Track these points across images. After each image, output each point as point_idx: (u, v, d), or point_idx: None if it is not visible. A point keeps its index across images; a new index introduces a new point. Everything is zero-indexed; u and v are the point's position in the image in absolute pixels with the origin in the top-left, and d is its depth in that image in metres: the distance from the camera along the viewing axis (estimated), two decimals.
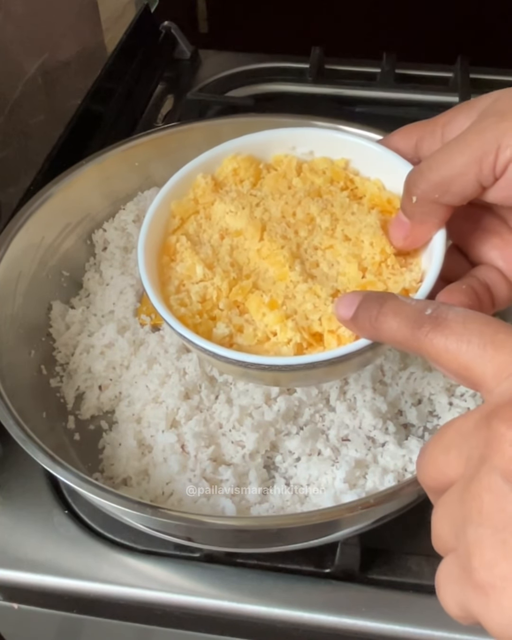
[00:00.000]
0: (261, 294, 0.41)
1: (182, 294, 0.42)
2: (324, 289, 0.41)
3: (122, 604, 0.48)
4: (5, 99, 0.65)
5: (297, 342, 0.40)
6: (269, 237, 0.43)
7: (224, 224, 0.44)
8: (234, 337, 0.41)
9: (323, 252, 0.43)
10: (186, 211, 0.45)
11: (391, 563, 0.48)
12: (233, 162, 0.46)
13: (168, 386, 0.52)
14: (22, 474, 0.52)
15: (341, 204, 0.44)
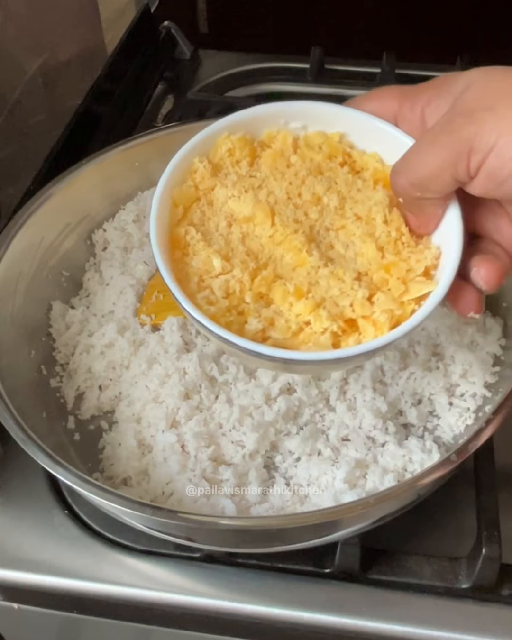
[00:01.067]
0: (284, 282, 0.40)
1: (206, 291, 0.41)
2: (347, 272, 0.40)
3: (122, 604, 0.48)
4: (5, 99, 0.65)
5: (333, 331, 0.39)
6: (281, 221, 0.42)
7: (229, 210, 0.43)
8: (267, 330, 0.40)
9: (336, 233, 0.42)
10: (188, 199, 0.43)
11: (391, 563, 0.48)
12: (227, 142, 0.44)
13: (168, 386, 0.52)
14: (22, 474, 0.52)
15: (345, 181, 0.43)
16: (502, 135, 0.32)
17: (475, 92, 0.34)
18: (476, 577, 0.46)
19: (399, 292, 0.40)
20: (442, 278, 0.39)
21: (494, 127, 0.32)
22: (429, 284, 0.40)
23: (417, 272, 0.40)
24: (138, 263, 0.61)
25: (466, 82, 0.35)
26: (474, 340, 0.54)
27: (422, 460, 0.48)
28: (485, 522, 0.46)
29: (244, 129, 0.44)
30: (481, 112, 0.33)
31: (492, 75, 0.35)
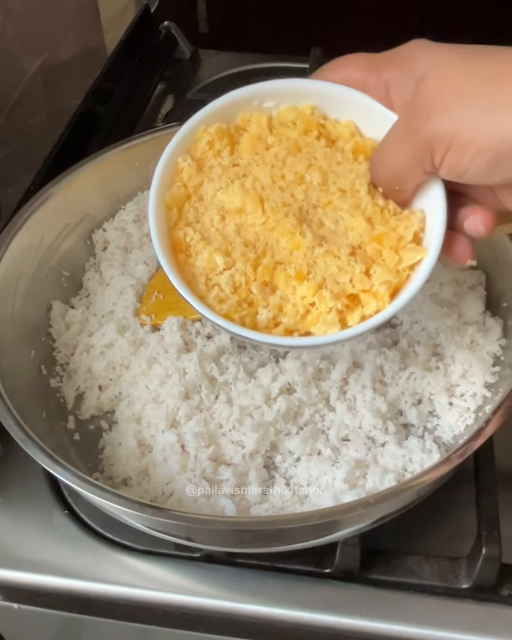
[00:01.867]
0: (284, 268, 0.42)
1: (215, 290, 0.42)
2: (341, 249, 0.42)
3: (122, 604, 0.48)
4: (5, 99, 0.65)
5: (338, 309, 0.41)
6: (270, 207, 0.42)
7: (219, 203, 0.44)
8: (277, 317, 0.42)
9: (324, 209, 0.43)
10: (180, 200, 0.44)
11: (391, 563, 0.48)
12: (205, 136, 0.44)
13: (168, 386, 0.52)
14: (22, 474, 0.52)
15: (324, 155, 0.43)
16: (456, 136, 0.35)
17: (431, 88, 0.36)
18: (476, 577, 0.46)
19: (394, 262, 0.42)
20: (432, 241, 0.41)
21: (448, 130, 0.35)
22: (421, 251, 0.41)
23: (407, 239, 0.42)
24: (138, 263, 0.61)
25: (423, 70, 0.37)
26: (474, 340, 0.54)
27: (422, 460, 0.48)
28: (485, 522, 0.46)
29: (219, 119, 0.45)
30: (437, 113, 0.36)
31: (447, 68, 0.36)
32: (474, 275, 0.57)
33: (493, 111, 0.34)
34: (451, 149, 0.35)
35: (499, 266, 0.55)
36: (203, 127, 0.44)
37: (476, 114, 0.34)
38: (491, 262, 0.56)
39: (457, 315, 0.55)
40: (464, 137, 0.35)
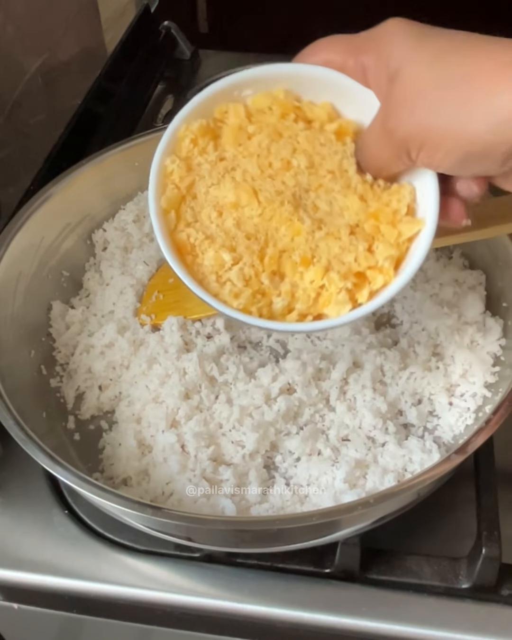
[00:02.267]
0: (289, 255, 0.43)
1: (228, 286, 0.43)
2: (341, 229, 0.42)
3: (122, 604, 0.48)
4: (5, 99, 0.65)
5: (347, 288, 0.42)
6: (265, 198, 0.43)
7: (213, 199, 0.44)
8: (291, 303, 0.43)
9: (316, 192, 0.43)
10: (175, 202, 0.44)
11: (391, 563, 0.48)
12: (188, 134, 0.44)
13: (168, 386, 0.52)
14: (22, 474, 0.52)
15: (306, 138, 0.43)
16: (426, 138, 0.36)
17: (403, 89, 0.37)
18: (476, 577, 0.46)
19: (394, 236, 0.42)
20: (429, 211, 0.41)
21: (419, 132, 0.36)
22: (417, 222, 0.42)
23: (402, 212, 0.42)
24: (138, 263, 0.61)
25: (397, 65, 0.37)
26: (474, 340, 0.54)
27: (422, 460, 0.48)
28: (485, 522, 0.46)
29: (201, 114, 0.44)
30: (407, 116, 0.37)
31: (419, 66, 0.36)
32: (474, 275, 0.57)
33: (462, 115, 0.35)
34: (423, 149, 0.37)
35: (499, 266, 0.55)
36: (184, 126, 0.44)
37: (445, 118, 0.35)
38: (491, 262, 0.56)
39: (457, 315, 0.55)
40: (434, 140, 0.36)
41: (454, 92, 0.35)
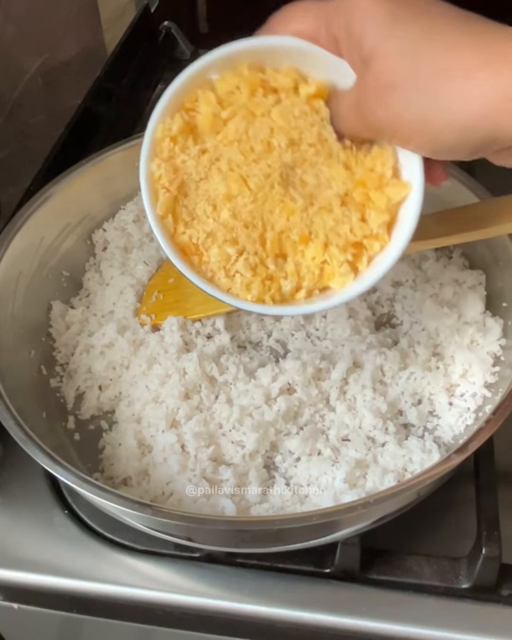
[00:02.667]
0: (287, 235, 0.43)
1: (238, 278, 0.44)
2: (332, 201, 0.43)
3: (122, 604, 0.48)
4: (5, 99, 0.65)
5: (348, 260, 0.43)
6: (254, 184, 0.43)
7: (205, 193, 0.44)
8: (298, 283, 0.44)
9: (301, 168, 0.43)
10: (170, 205, 0.45)
11: (391, 563, 0.48)
12: (166, 133, 0.44)
13: (168, 386, 0.52)
14: (22, 474, 0.52)
15: (280, 113, 0.43)
16: (397, 130, 0.37)
17: (375, 77, 0.37)
18: (476, 577, 0.46)
19: (383, 202, 0.43)
20: (414, 174, 0.42)
21: (390, 124, 0.37)
22: (405, 186, 0.42)
23: (387, 175, 0.43)
24: (138, 263, 0.61)
25: (370, 49, 0.37)
26: (474, 340, 0.54)
27: (422, 460, 0.48)
28: (485, 522, 0.46)
29: (174, 109, 0.44)
30: (380, 108, 0.37)
31: (392, 55, 0.36)
32: (474, 275, 0.57)
33: (431, 115, 0.35)
34: (394, 137, 0.38)
35: (499, 266, 0.55)
36: (161, 126, 0.44)
37: (416, 116, 0.36)
38: (491, 262, 0.56)
39: (457, 315, 0.55)
40: (404, 133, 0.37)
41: (426, 91, 0.35)
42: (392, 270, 0.58)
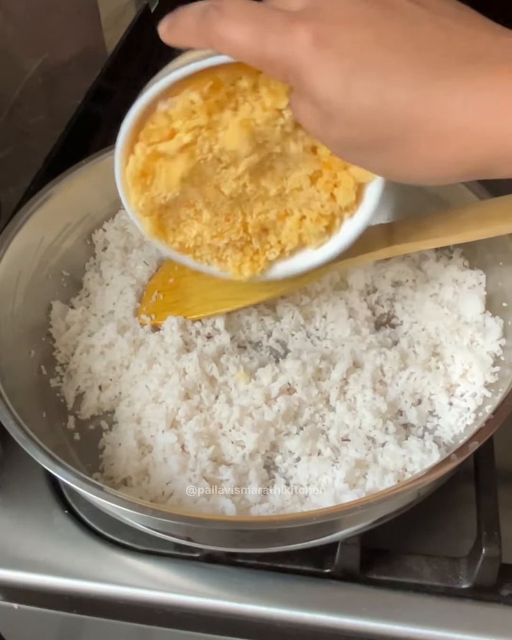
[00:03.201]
0: (266, 216, 0.48)
1: (229, 262, 0.50)
2: (302, 182, 0.46)
3: (122, 604, 0.48)
4: (5, 99, 0.65)
5: (325, 226, 0.47)
6: (228, 189, 0.45)
7: (184, 201, 0.46)
8: (283, 250, 0.49)
9: (269, 159, 0.45)
10: (155, 226, 0.47)
11: (391, 563, 0.48)
12: (135, 165, 0.44)
13: (168, 386, 0.52)
14: (22, 474, 0.52)
15: (240, 124, 0.42)
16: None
17: (339, 130, 0.35)
18: (476, 577, 0.46)
19: (350, 183, 0.45)
20: None
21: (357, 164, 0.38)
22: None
23: None
24: (138, 263, 0.61)
25: (328, 108, 0.35)
26: (474, 340, 0.54)
27: (422, 460, 0.48)
28: (485, 522, 0.46)
29: (134, 142, 0.44)
30: (345, 157, 0.38)
31: (352, 104, 0.34)
32: (474, 275, 0.57)
33: (400, 173, 0.35)
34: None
35: (499, 266, 0.55)
36: (126, 169, 0.44)
37: (380, 172, 0.38)
38: (491, 262, 0.56)
39: (457, 315, 0.55)
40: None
41: (390, 154, 0.34)
42: (392, 270, 0.59)
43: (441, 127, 0.31)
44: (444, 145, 0.31)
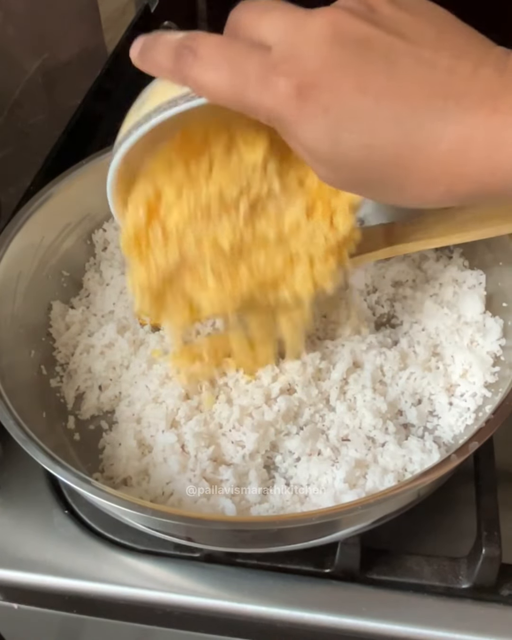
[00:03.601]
0: (272, 266, 0.45)
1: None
2: (299, 218, 0.43)
3: (122, 604, 0.48)
4: (5, 99, 0.65)
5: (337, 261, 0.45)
6: (226, 241, 0.43)
7: (184, 264, 0.45)
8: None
9: (260, 202, 0.43)
10: (158, 300, 0.47)
11: (391, 563, 0.48)
12: (126, 240, 0.44)
13: (168, 386, 0.52)
14: (22, 474, 0.52)
15: (220, 172, 0.42)
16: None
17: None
18: (476, 577, 0.46)
19: (345, 206, 0.43)
20: None
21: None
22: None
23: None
24: None
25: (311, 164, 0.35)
26: (474, 340, 0.54)
27: (422, 460, 0.48)
28: (485, 522, 0.46)
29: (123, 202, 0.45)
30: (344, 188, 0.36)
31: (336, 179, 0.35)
32: (474, 275, 0.57)
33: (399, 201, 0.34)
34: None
35: (499, 266, 0.55)
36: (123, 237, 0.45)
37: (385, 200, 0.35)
38: (491, 262, 0.56)
39: (457, 315, 0.55)
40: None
41: (383, 188, 0.34)
42: (392, 270, 0.59)
43: (429, 172, 0.31)
44: (434, 185, 0.32)
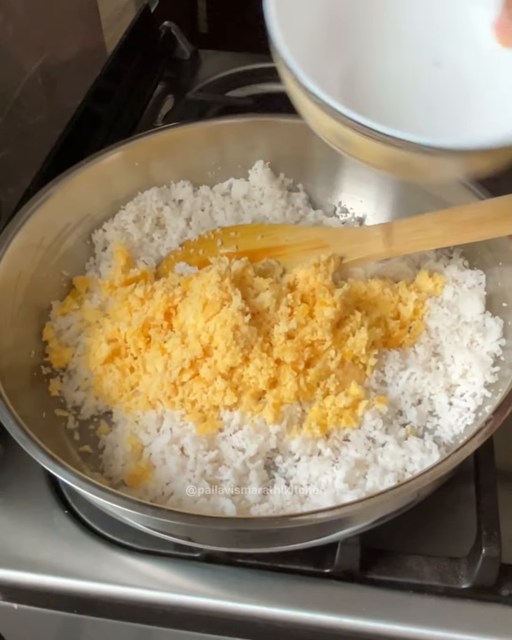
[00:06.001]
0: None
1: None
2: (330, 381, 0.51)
3: (122, 604, 0.48)
4: (5, 99, 0.65)
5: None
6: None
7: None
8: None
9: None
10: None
11: (391, 563, 0.48)
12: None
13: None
14: (22, 474, 0.52)
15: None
16: None
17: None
18: (476, 577, 0.46)
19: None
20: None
21: None
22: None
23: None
24: (138, 263, 0.61)
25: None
26: (474, 340, 0.54)
27: (422, 460, 0.48)
28: (485, 522, 0.46)
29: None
30: None
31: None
32: (474, 275, 0.57)
33: None
34: None
35: (499, 266, 0.55)
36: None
37: None
38: (491, 262, 0.56)
39: (457, 315, 0.55)
40: None
41: None
42: (392, 270, 0.59)
43: None
44: None
